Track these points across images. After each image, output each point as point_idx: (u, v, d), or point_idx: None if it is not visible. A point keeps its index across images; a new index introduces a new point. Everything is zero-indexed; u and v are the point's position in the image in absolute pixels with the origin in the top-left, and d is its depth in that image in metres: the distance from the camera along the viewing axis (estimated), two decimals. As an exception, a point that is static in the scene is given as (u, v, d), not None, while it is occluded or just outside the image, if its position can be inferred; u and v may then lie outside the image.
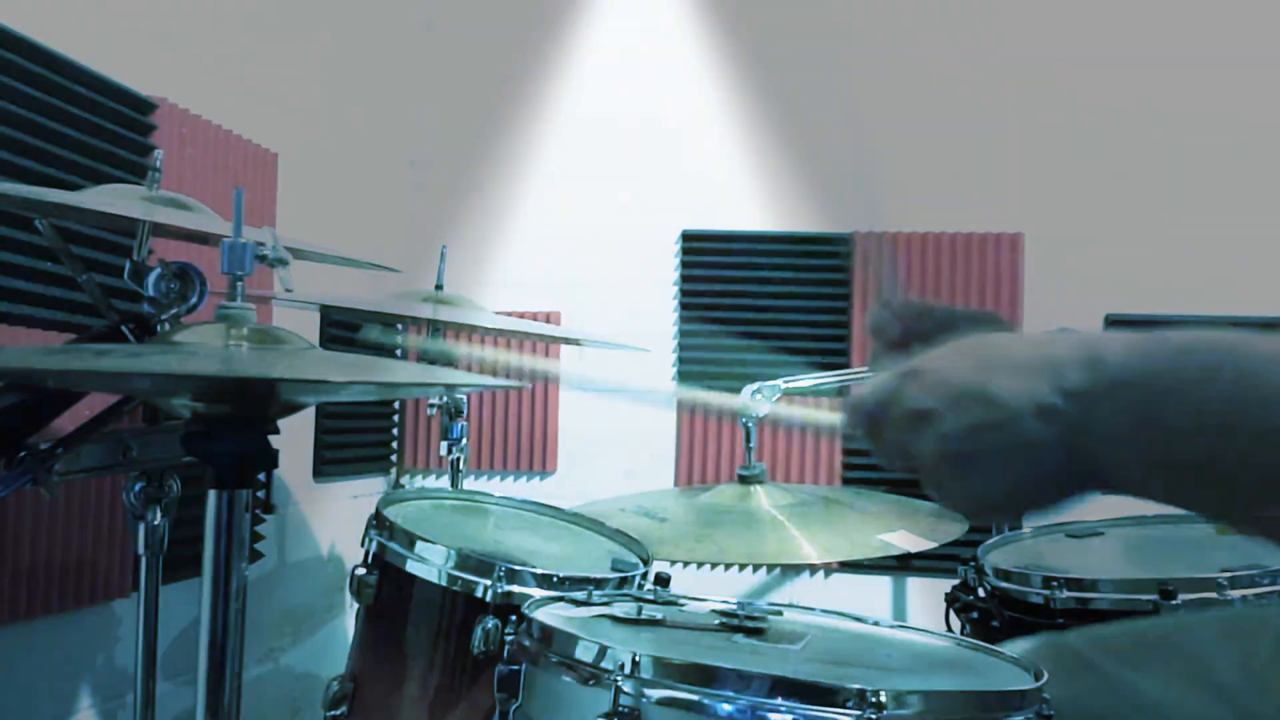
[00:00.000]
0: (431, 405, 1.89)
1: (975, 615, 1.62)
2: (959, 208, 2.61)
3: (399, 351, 2.17)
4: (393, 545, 1.45)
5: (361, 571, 1.46)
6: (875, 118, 2.66)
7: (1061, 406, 0.59)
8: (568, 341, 2.70)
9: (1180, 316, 2.36)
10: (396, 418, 2.80)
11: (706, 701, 0.96)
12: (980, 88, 2.62)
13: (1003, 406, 0.60)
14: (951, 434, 0.62)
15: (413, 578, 1.43)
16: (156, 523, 1.31)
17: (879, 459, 0.70)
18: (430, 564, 1.42)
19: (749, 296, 2.69)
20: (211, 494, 0.97)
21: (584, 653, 1.04)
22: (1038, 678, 1.04)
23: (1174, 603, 1.38)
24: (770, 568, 2.65)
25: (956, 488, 0.64)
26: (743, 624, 1.19)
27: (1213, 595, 1.38)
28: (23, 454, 1.10)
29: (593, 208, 2.80)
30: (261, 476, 1.00)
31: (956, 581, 1.69)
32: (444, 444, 1.90)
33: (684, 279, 2.74)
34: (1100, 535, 1.78)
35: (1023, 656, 1.11)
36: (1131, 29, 2.57)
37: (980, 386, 0.62)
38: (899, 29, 2.68)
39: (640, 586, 1.46)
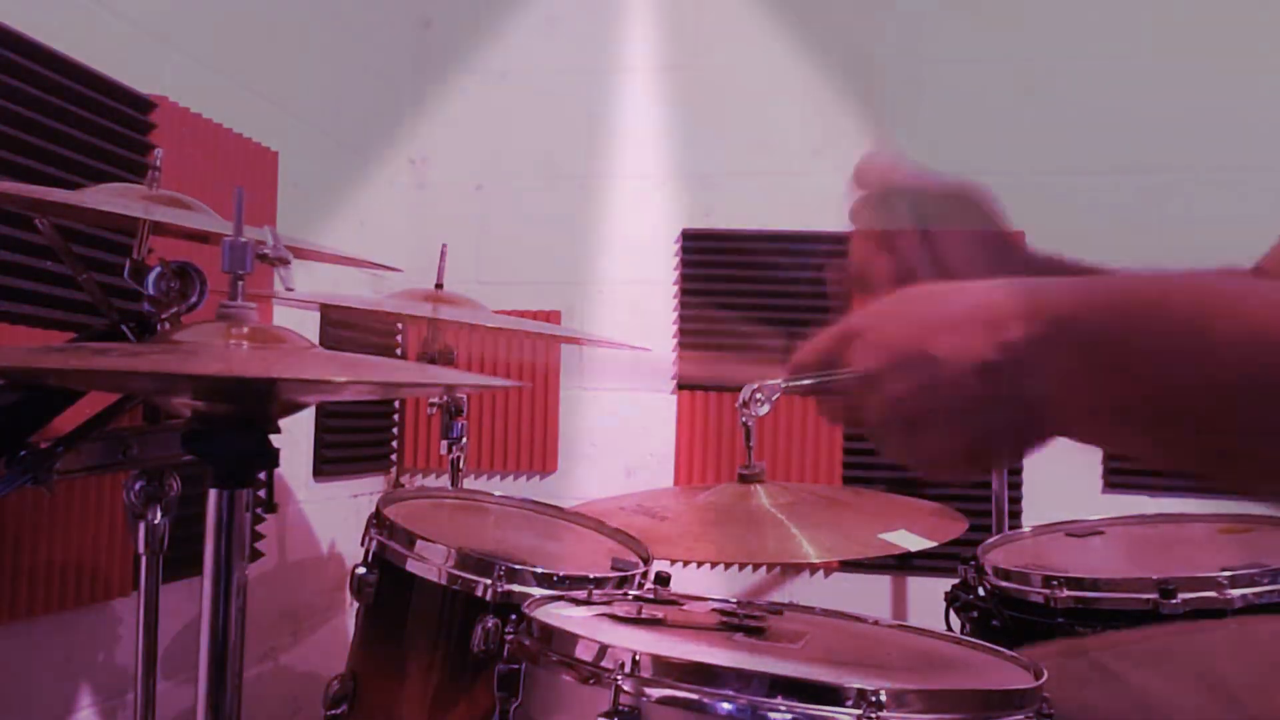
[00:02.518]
0: (431, 404, 1.89)
1: (975, 614, 1.63)
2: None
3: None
4: (393, 544, 1.45)
5: (361, 570, 1.46)
6: (874, 116, 2.66)
7: (1002, 361, 0.58)
8: (568, 340, 2.71)
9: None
10: (397, 417, 2.80)
11: (706, 700, 0.96)
12: (980, 87, 2.62)
13: (943, 365, 0.59)
14: (896, 396, 0.61)
15: (413, 577, 1.43)
16: (157, 522, 1.30)
17: (827, 417, 0.70)
18: (430, 563, 1.42)
19: (749, 296, 2.68)
20: (212, 493, 0.97)
21: (584, 651, 1.04)
22: (1037, 676, 1.04)
23: (1174, 601, 1.38)
24: (770, 567, 2.65)
25: (908, 447, 0.62)
26: (743, 623, 1.19)
27: (1213, 595, 1.38)
28: (23, 452, 1.10)
29: (593, 207, 2.80)
30: (262, 475, 1.00)
31: (956, 581, 1.69)
32: (444, 443, 1.90)
33: (684, 278, 2.74)
34: (1100, 534, 1.78)
35: (1033, 659, 1.11)
36: (1132, 26, 2.57)
37: (920, 347, 0.60)
38: (898, 30, 2.68)
39: (640, 585, 1.46)
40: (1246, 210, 2.46)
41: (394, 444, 2.79)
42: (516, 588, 1.37)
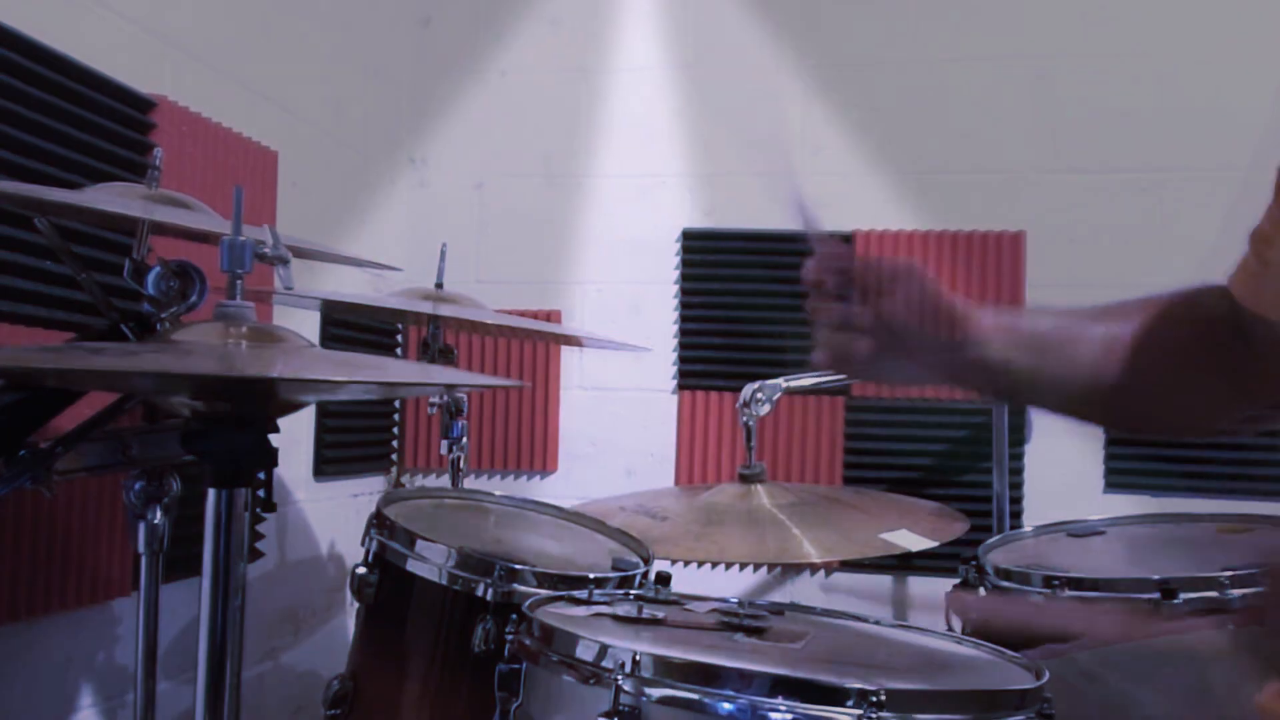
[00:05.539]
0: (432, 404, 1.89)
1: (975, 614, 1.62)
2: (960, 206, 2.60)
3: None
4: (393, 544, 1.45)
5: (362, 570, 1.46)
6: (875, 116, 2.66)
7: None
8: (568, 341, 2.70)
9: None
10: (397, 417, 2.80)
11: (707, 700, 0.96)
12: (981, 86, 2.62)
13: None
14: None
15: (413, 577, 1.43)
16: (157, 521, 1.30)
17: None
18: (431, 563, 1.42)
19: (749, 296, 2.68)
20: (211, 493, 0.97)
21: (584, 651, 1.04)
22: (1038, 677, 1.04)
23: (1175, 601, 1.38)
24: (771, 567, 2.64)
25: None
26: (743, 623, 1.19)
27: (1214, 594, 1.38)
28: (22, 452, 1.10)
29: (593, 207, 2.79)
30: (261, 475, 1.00)
31: (957, 581, 1.69)
32: (444, 443, 1.90)
33: (684, 278, 2.74)
34: (1101, 534, 1.78)
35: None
36: (1134, 26, 2.57)
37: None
38: (898, 30, 2.67)
39: (641, 585, 1.46)
40: (1246, 210, 2.45)
41: (394, 444, 2.79)
42: (517, 587, 1.37)
